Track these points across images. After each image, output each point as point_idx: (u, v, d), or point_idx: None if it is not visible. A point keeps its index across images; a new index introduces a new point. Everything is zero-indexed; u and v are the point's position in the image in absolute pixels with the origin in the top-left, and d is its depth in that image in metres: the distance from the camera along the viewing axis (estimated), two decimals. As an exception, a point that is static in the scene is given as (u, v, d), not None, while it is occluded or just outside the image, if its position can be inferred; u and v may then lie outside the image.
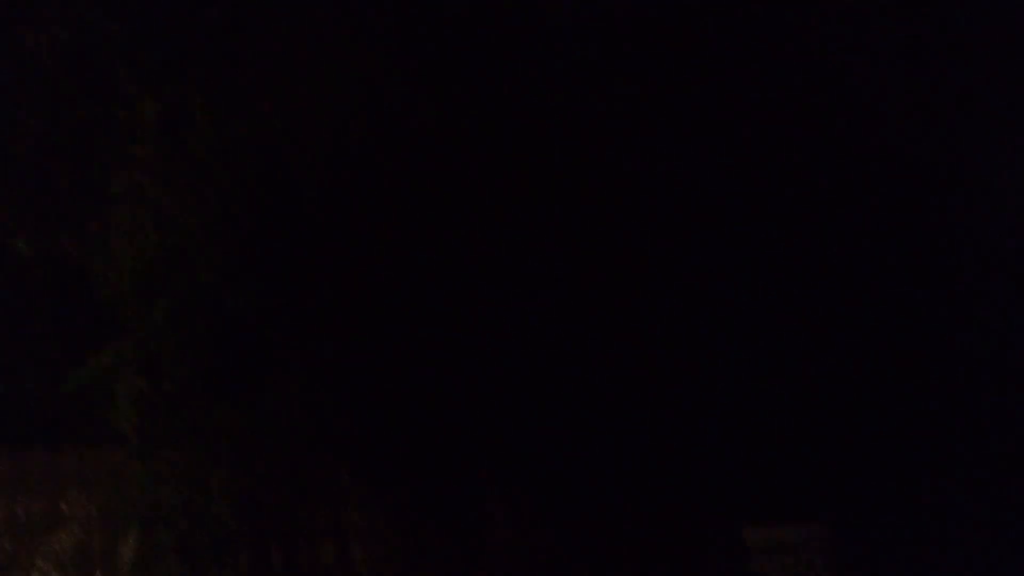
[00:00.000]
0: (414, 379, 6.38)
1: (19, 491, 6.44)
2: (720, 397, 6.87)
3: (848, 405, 6.82)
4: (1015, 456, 6.76)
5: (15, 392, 6.51)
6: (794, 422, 6.74)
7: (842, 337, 6.86)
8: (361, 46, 6.20)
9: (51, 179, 6.56)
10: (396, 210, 6.35)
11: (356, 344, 6.28)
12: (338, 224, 6.37)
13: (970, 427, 6.90)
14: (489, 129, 6.48)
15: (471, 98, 6.46)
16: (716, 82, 7.17)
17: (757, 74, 7.31)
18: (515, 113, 6.76)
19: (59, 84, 6.44)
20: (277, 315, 6.14)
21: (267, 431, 6.32)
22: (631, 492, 6.96)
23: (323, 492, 6.84)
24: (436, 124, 6.49)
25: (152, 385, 6.31)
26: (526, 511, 7.06)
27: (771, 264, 6.84)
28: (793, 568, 6.57)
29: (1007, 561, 6.60)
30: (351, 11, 6.59)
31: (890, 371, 6.81)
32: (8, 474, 6.48)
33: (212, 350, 6.35)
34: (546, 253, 6.63)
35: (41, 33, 6.39)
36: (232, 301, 6.19)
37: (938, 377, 6.90)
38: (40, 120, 6.45)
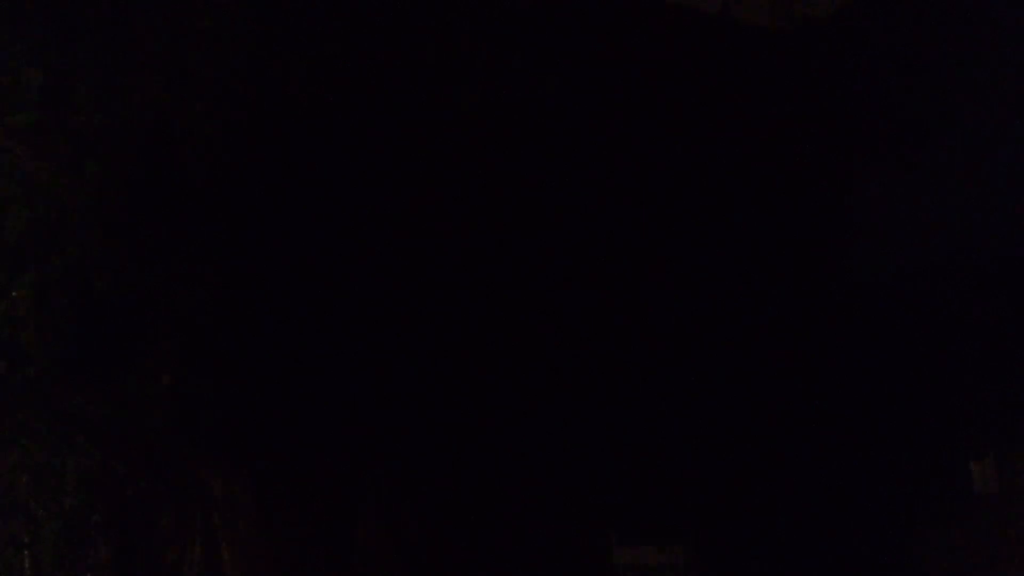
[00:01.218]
0: (288, 375, 6.23)
1: None
2: (591, 416, 6.87)
3: (712, 430, 6.88)
4: (872, 477, 6.91)
5: None
6: (661, 445, 6.78)
7: (702, 366, 6.92)
8: (251, 22, 6.00)
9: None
10: (280, 195, 6.17)
11: (231, 336, 6.10)
12: (221, 209, 6.17)
13: (830, 453, 7.03)
14: (380, 107, 6.35)
15: (361, 75, 6.31)
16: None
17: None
18: (408, 94, 6.62)
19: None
20: (150, 300, 5.92)
21: (133, 424, 6.11)
22: (502, 503, 6.94)
23: (191, 491, 6.66)
24: (326, 103, 6.32)
25: (11, 367, 6.06)
26: (396, 514, 6.97)
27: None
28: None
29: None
30: None
31: (751, 398, 6.90)
32: None
33: (78, 333, 6.11)
34: (410, 251, 6.51)
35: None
36: (103, 282, 5.95)
37: (798, 404, 7.02)
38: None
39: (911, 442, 6.66)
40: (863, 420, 6.93)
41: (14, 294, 6.03)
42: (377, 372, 6.53)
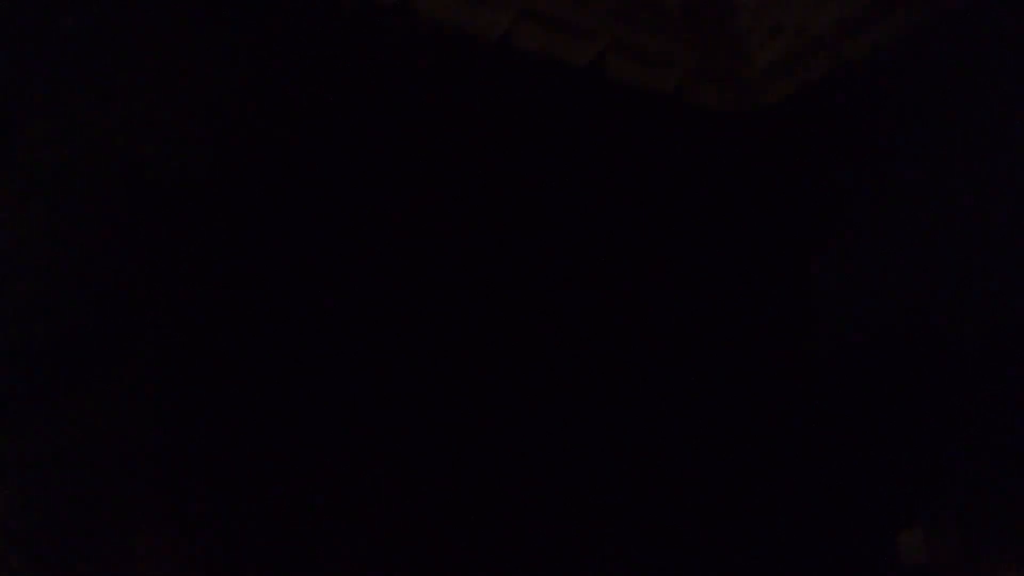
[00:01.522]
0: (246, 425, 6.24)
1: None
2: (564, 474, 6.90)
3: (651, 493, 6.90)
4: (800, 547, 6.89)
5: None
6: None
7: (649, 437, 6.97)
8: (217, 54, 6.19)
9: None
10: (220, 257, 6.29)
11: (176, 378, 6.13)
12: (169, 254, 6.28)
13: (755, 517, 7.03)
14: (343, 140, 6.50)
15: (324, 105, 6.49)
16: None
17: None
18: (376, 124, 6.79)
19: None
20: (87, 335, 5.97)
21: (60, 469, 6.08)
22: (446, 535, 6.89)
23: (126, 548, 6.59)
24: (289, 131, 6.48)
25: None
26: (335, 540, 6.89)
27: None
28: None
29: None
30: (209, 19, 6.54)
31: (675, 467, 6.94)
32: None
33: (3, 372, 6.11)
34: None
35: None
36: (36, 324, 6.00)
37: (721, 472, 7.05)
38: None
39: (837, 512, 6.67)
40: (789, 488, 6.95)
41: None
42: (346, 431, 6.56)
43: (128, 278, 6.17)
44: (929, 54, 6.53)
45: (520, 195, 7.05)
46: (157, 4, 6.04)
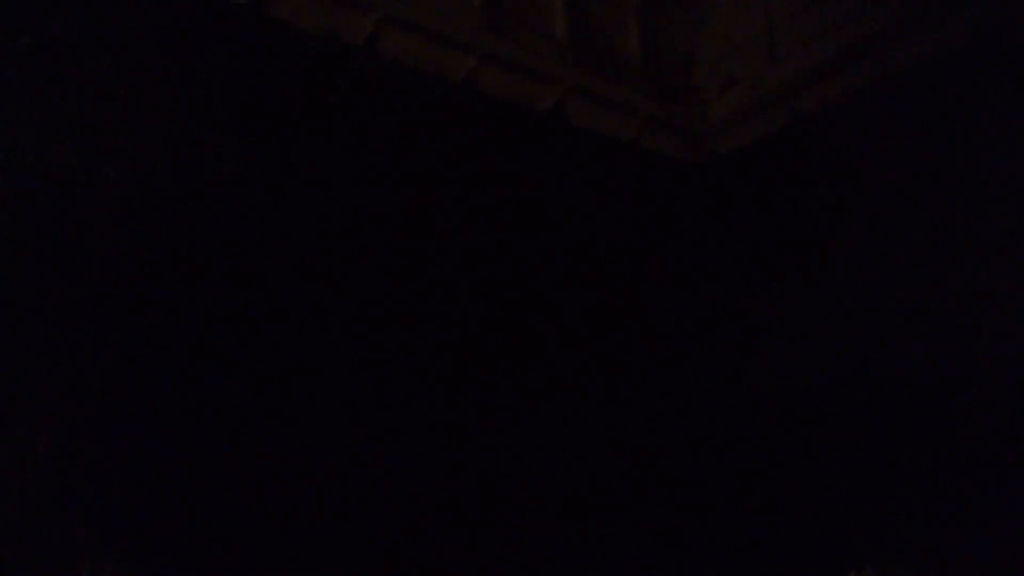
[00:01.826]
0: (192, 449, 6.18)
1: None
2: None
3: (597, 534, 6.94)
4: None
5: None
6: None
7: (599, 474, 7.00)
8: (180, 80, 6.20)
9: None
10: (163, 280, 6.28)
11: (121, 400, 6.06)
12: (113, 270, 6.23)
13: (709, 559, 7.08)
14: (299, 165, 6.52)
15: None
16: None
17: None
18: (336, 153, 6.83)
19: None
20: (29, 354, 5.89)
21: (4, 483, 5.96)
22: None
23: (54, 539, 6.44)
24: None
25: None
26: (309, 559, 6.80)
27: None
28: None
29: None
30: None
31: (628, 495, 6.98)
32: None
33: None
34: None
35: None
36: None
37: (679, 511, 7.10)
38: None
39: (790, 552, 6.74)
40: (743, 529, 7.01)
41: None
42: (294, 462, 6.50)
43: (57, 298, 6.12)
44: (883, 108, 6.73)
45: (477, 234, 7.12)
46: (120, 29, 6.06)
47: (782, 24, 7.63)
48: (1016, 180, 5.89)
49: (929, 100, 6.44)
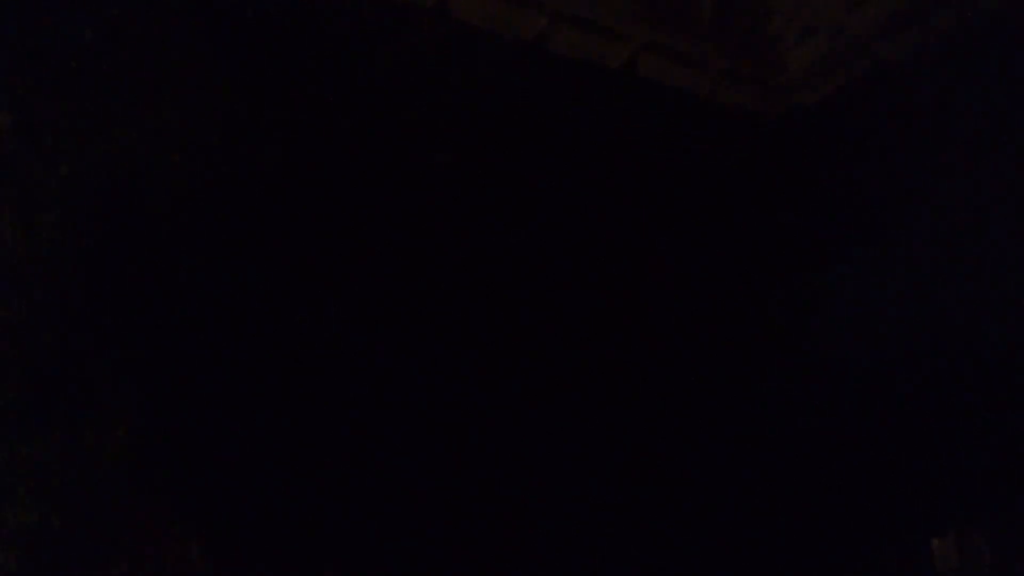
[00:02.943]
0: (257, 435, 6.31)
1: None
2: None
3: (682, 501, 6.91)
4: (833, 555, 6.87)
5: None
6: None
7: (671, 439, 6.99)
8: (229, 74, 6.24)
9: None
10: (247, 252, 6.35)
11: (195, 389, 6.19)
12: (183, 264, 6.33)
13: (789, 528, 7.02)
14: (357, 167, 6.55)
15: (340, 137, 6.52)
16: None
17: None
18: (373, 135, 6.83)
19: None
20: (107, 346, 6.02)
21: (83, 479, 6.11)
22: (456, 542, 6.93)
23: (148, 556, 6.61)
24: (303, 160, 6.52)
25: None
26: (335, 546, 6.92)
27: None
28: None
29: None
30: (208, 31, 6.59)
31: (707, 471, 6.95)
32: None
33: (26, 379, 6.14)
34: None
35: None
36: (54, 332, 6.03)
37: (757, 480, 7.04)
38: None
39: (871, 519, 6.65)
40: (823, 495, 6.93)
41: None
42: (350, 438, 6.59)
43: (131, 289, 6.23)
44: (971, 55, 6.49)
45: (551, 193, 7.07)
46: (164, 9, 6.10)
47: (862, -31, 7.41)
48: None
49: (1020, 44, 6.21)
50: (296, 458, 6.46)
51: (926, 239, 6.95)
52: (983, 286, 6.51)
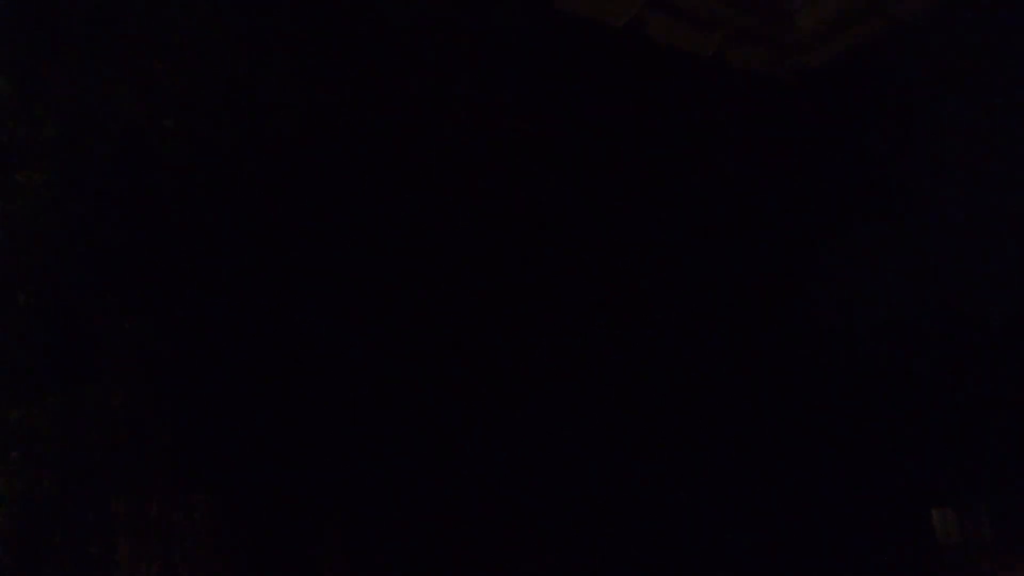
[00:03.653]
0: (252, 400, 6.27)
1: None
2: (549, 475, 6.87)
3: (678, 474, 6.86)
4: (835, 525, 6.85)
5: None
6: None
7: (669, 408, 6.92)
8: (228, 36, 6.13)
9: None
10: (244, 216, 6.28)
11: (191, 356, 6.15)
12: (181, 229, 6.26)
13: (792, 499, 6.98)
14: (355, 129, 6.45)
15: (337, 97, 6.42)
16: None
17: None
18: (386, 117, 6.74)
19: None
20: (102, 312, 5.98)
21: (79, 444, 6.11)
22: (468, 538, 6.92)
23: (147, 521, 6.63)
24: (301, 125, 6.43)
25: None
26: (362, 547, 6.96)
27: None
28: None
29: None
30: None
31: (711, 444, 6.89)
32: None
33: (20, 343, 6.14)
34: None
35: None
36: (48, 295, 5.99)
37: (758, 454, 6.99)
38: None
39: (873, 490, 6.62)
40: (826, 466, 6.90)
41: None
42: (344, 399, 6.56)
43: (126, 253, 6.17)
44: (990, 14, 6.34)
45: (557, 153, 6.95)
46: None
47: (877, -74, 7.22)
48: None
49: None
50: (294, 425, 6.44)
51: (937, 207, 6.83)
52: (988, 258, 6.41)
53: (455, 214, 6.66)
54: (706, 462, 6.91)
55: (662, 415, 6.91)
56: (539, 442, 6.79)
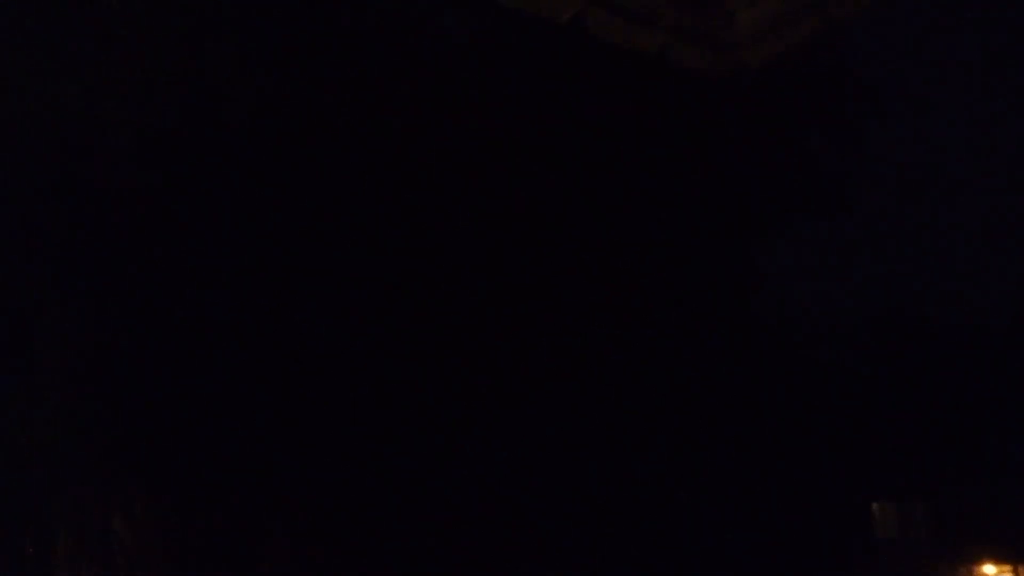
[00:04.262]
0: (191, 397, 6.16)
1: None
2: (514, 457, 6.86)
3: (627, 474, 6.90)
4: (776, 520, 6.93)
5: None
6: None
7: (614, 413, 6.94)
8: (192, 32, 6.02)
9: None
10: (183, 209, 6.17)
11: (129, 354, 6.02)
12: (121, 222, 6.13)
13: (731, 491, 7.05)
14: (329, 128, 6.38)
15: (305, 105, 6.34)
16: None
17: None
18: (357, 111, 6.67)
19: None
20: (40, 309, 5.83)
21: (17, 442, 5.96)
22: (414, 537, 6.89)
23: (87, 515, 6.49)
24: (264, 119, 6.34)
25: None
26: (304, 543, 6.89)
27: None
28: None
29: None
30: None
31: (658, 440, 6.93)
32: None
33: None
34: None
35: None
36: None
37: (700, 446, 7.05)
38: None
39: (814, 486, 6.70)
40: (768, 460, 6.97)
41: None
42: (288, 396, 6.49)
43: (68, 247, 6.01)
44: (923, 13, 6.45)
45: (492, 157, 6.93)
46: None
47: (815, -76, 7.28)
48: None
49: (973, 3, 6.17)
50: (237, 420, 6.34)
51: (877, 205, 6.94)
52: (935, 254, 6.53)
53: (399, 201, 6.59)
54: (656, 461, 6.93)
55: (620, 416, 6.92)
56: (472, 436, 6.75)
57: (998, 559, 18.86)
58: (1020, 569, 18.42)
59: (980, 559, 17.71)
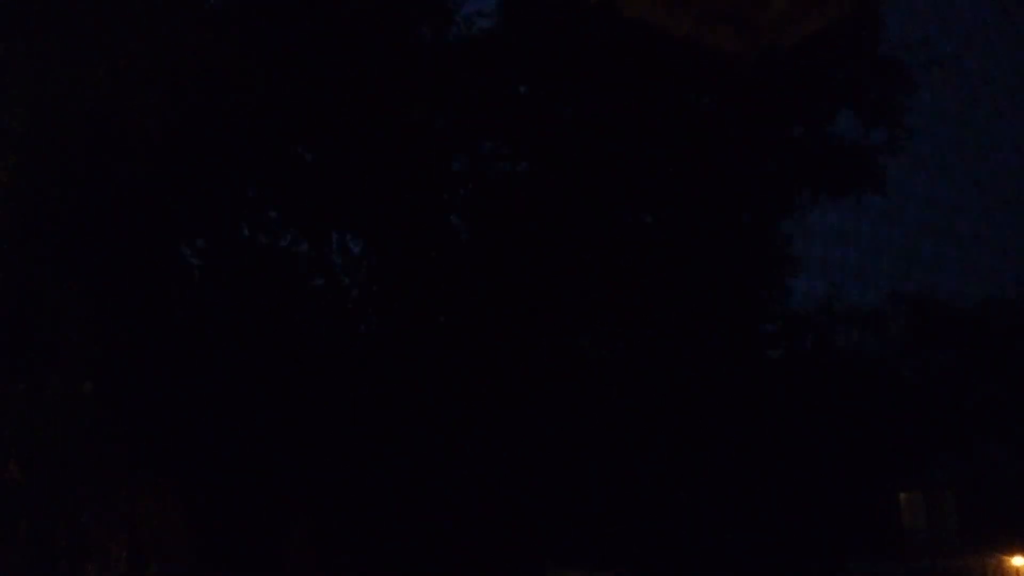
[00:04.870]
0: (217, 389, 6.17)
1: None
2: (528, 444, 6.83)
3: (651, 463, 6.85)
4: (805, 509, 6.86)
5: None
6: (598, 474, 6.75)
7: (639, 400, 6.88)
8: (194, 28, 6.01)
9: None
10: (211, 203, 6.16)
11: (158, 346, 6.04)
12: (150, 215, 6.13)
13: (764, 484, 6.99)
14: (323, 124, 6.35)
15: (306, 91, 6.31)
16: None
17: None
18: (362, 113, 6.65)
19: None
20: (71, 301, 5.85)
21: (49, 430, 5.98)
22: (435, 527, 6.89)
23: (116, 505, 6.52)
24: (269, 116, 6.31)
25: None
26: (326, 533, 6.91)
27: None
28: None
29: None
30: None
31: (689, 432, 6.88)
32: None
33: None
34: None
35: None
36: (17, 280, 5.83)
37: (732, 439, 6.99)
38: None
39: (843, 475, 6.64)
40: (797, 451, 6.91)
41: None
42: (311, 389, 6.47)
43: (99, 238, 6.00)
44: None
45: (526, 129, 6.87)
46: None
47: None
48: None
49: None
50: (263, 413, 6.35)
51: (907, 186, 6.83)
52: (967, 243, 6.42)
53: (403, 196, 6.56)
54: (676, 455, 6.88)
55: (627, 417, 6.86)
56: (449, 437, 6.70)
57: (1029, 551, 18.62)
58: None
59: (1010, 550, 17.42)
